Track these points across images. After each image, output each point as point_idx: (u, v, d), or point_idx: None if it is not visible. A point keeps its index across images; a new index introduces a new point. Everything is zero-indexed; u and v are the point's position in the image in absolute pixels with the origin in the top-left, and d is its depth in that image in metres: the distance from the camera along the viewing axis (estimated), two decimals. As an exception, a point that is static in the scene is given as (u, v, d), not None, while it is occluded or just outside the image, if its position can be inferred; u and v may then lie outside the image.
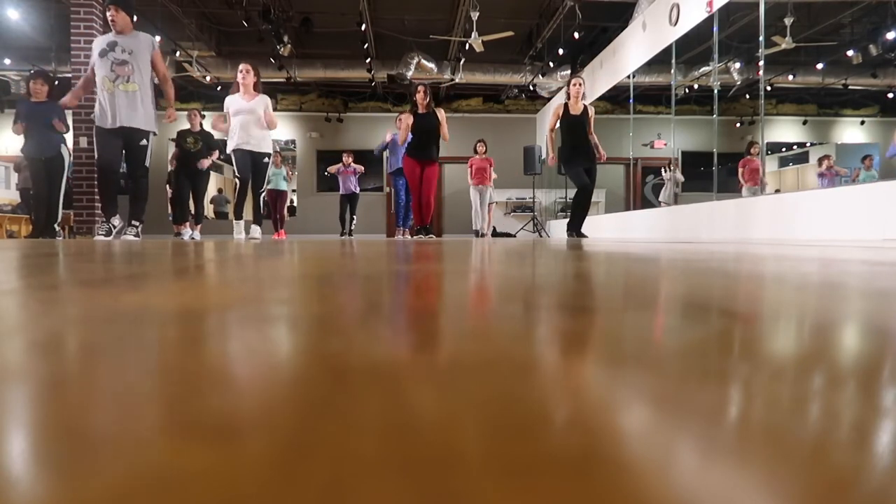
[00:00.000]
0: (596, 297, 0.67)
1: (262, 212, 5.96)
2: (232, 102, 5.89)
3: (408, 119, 6.48)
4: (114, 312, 0.51)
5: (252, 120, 5.77)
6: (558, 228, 10.88)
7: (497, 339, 0.39)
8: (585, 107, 6.07)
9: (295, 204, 13.36)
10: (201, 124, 7.64)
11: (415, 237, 6.66)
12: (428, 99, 6.40)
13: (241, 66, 5.88)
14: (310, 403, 0.24)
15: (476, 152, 9.16)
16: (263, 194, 5.88)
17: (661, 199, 8.83)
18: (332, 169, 9.45)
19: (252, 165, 5.75)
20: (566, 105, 6.06)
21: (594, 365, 0.31)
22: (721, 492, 0.15)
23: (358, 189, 9.42)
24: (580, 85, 6.03)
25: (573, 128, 6.01)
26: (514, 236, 10.16)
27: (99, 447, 0.18)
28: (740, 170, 7.50)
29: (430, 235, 6.59)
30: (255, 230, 5.87)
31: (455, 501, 0.14)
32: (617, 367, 0.30)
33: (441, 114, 6.44)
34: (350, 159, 9.31)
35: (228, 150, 5.79)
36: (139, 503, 0.14)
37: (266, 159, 5.80)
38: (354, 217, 9.46)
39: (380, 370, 0.30)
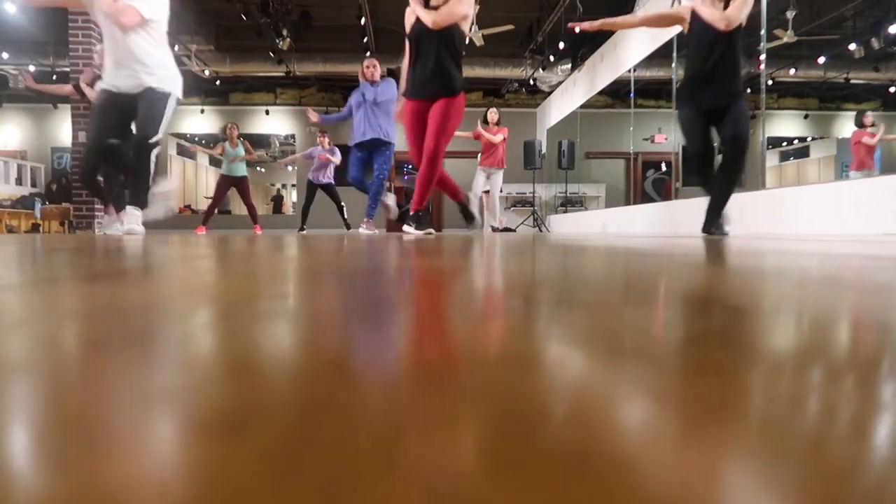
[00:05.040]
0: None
1: (152, 182, 3.66)
2: None
3: (410, 16, 3.79)
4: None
5: (121, 33, 3.47)
6: (558, 223, 10.87)
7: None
8: (728, 4, 3.44)
9: (294, 199, 13.34)
10: None
11: (403, 227, 4.15)
12: None
13: None
14: (308, 400, 0.23)
15: (486, 122, 7.34)
16: (156, 151, 3.65)
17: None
18: (296, 157, 7.95)
19: (134, 108, 3.59)
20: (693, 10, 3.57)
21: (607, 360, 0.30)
22: (721, 488, 0.15)
23: (330, 179, 7.76)
24: None
25: (703, 42, 3.53)
26: (514, 231, 10.15)
27: (94, 443, 0.18)
28: (852, 148, 6.71)
29: (430, 231, 4.24)
30: (132, 216, 3.63)
31: (455, 501, 0.14)
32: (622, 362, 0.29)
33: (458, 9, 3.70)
34: (326, 139, 7.78)
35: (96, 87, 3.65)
36: (136, 499, 0.14)
37: (166, 95, 3.64)
38: (343, 205, 7.90)
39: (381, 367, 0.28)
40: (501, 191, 8.00)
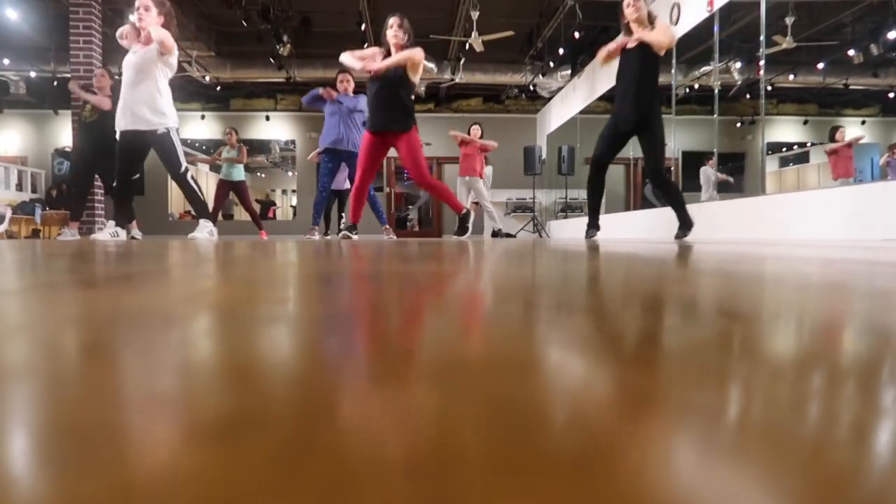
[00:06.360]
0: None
1: (202, 198, 4.35)
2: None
3: (372, 54, 4.33)
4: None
5: (135, 80, 3.98)
6: (558, 229, 10.87)
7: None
8: (642, 43, 4.11)
9: (294, 204, 13.33)
10: (113, 87, 5.46)
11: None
12: (406, 37, 4.34)
13: (137, 2, 3.88)
14: (309, 402, 0.23)
15: (468, 134, 7.93)
16: (190, 173, 4.31)
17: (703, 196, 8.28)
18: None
19: (147, 149, 4.19)
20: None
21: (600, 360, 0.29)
22: (720, 491, 0.15)
23: (348, 185, 7.91)
24: (633, 5, 4.05)
25: (622, 69, 4.30)
26: (515, 236, 10.15)
27: (97, 446, 0.18)
28: (829, 160, 6.99)
29: (465, 229, 4.70)
30: (206, 227, 4.35)
31: (455, 501, 0.14)
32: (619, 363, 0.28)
33: (415, 55, 4.24)
34: None
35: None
36: (138, 502, 0.14)
37: (161, 130, 4.10)
38: (343, 215, 8.03)
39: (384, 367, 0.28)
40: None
